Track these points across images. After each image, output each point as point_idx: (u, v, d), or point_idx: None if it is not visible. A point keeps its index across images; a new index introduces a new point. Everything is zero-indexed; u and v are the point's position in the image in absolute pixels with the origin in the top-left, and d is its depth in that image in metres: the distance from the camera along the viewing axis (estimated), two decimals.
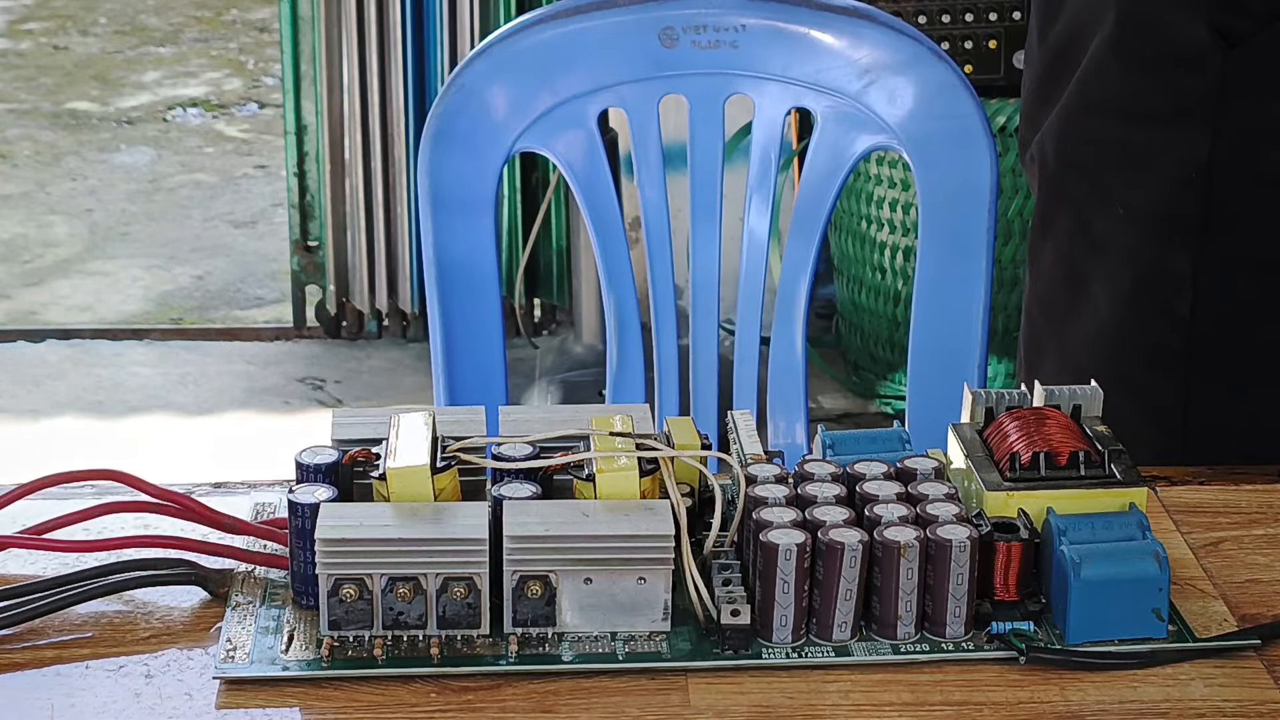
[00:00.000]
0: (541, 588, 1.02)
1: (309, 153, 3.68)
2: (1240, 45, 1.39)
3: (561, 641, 1.03)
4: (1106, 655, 1.03)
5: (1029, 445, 1.07)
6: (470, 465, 1.07)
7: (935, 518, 1.03)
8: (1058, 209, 1.50)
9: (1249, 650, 1.04)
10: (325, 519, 1.02)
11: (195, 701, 0.99)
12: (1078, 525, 1.04)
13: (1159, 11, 1.41)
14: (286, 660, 1.01)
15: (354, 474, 1.07)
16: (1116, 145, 1.44)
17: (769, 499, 1.05)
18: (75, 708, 0.99)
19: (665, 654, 1.02)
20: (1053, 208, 1.51)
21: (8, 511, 1.11)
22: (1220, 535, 1.17)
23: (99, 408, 3.57)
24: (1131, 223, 1.44)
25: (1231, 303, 1.42)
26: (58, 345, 3.80)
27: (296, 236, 3.75)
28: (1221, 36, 1.39)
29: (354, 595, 1.01)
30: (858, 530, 1.02)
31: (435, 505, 1.03)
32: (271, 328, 3.89)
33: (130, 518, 1.13)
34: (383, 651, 1.01)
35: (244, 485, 1.20)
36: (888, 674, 1.02)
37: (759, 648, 1.03)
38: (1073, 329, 1.50)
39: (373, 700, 0.99)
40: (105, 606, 1.07)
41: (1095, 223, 1.46)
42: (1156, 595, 1.03)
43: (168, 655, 1.03)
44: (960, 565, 1.02)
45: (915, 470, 1.08)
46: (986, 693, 1.01)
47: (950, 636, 1.03)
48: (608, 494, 1.04)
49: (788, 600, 1.02)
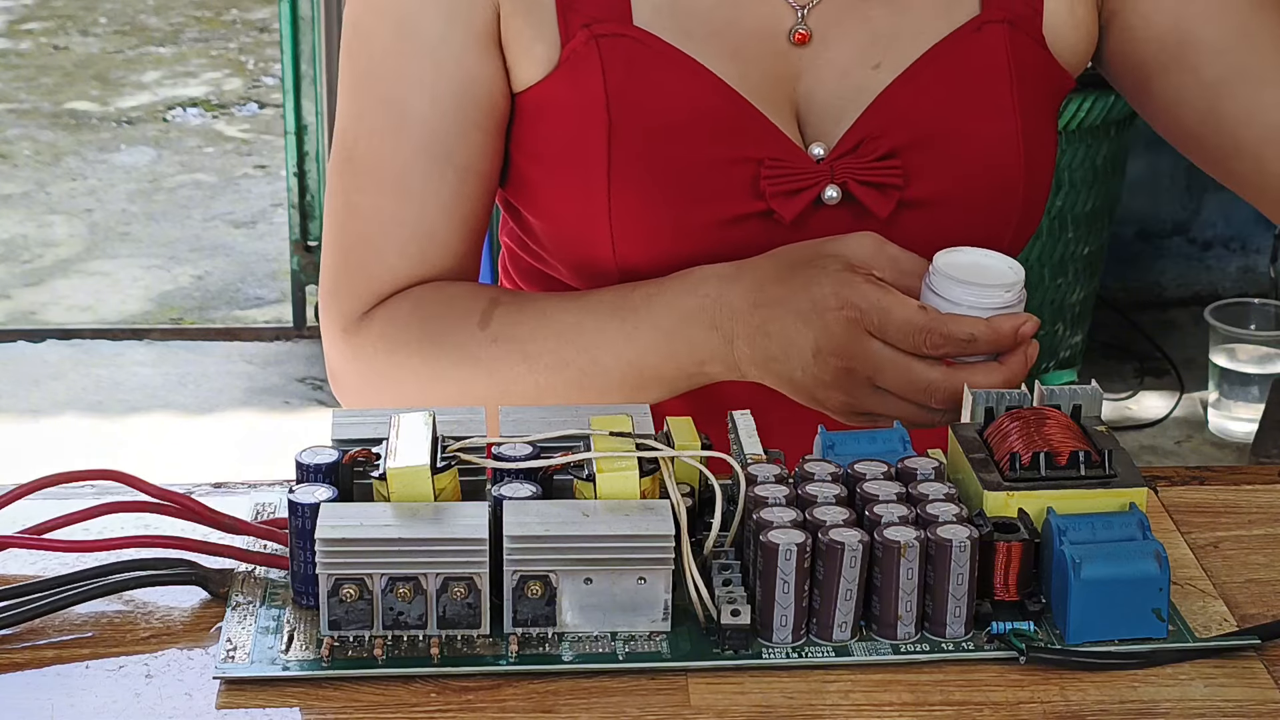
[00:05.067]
0: (541, 588, 1.02)
1: (309, 153, 3.68)
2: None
3: (561, 641, 1.03)
4: (1106, 655, 1.03)
5: (1029, 445, 1.07)
6: (470, 465, 1.07)
7: (935, 518, 1.03)
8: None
9: (1249, 650, 1.04)
10: (325, 519, 1.02)
11: (195, 701, 0.99)
12: (1078, 525, 1.04)
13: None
14: (286, 660, 1.01)
15: (354, 474, 1.07)
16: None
17: (769, 499, 1.05)
18: (75, 708, 0.99)
19: (665, 654, 1.02)
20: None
21: (8, 511, 1.11)
22: (1220, 535, 1.17)
23: (99, 408, 3.58)
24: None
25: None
26: (58, 345, 3.80)
27: (296, 236, 3.75)
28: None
29: (354, 595, 1.01)
30: (858, 530, 1.02)
31: (435, 505, 1.03)
32: (271, 328, 3.90)
33: (130, 518, 1.13)
34: (383, 651, 1.01)
35: (244, 485, 1.20)
36: (888, 674, 1.02)
37: (759, 648, 1.03)
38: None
39: (373, 700, 0.99)
40: (105, 606, 1.07)
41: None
42: (1156, 595, 1.03)
43: (168, 655, 1.03)
44: (960, 565, 1.02)
45: (915, 470, 1.08)
46: (986, 693, 1.01)
47: (950, 636, 1.03)
48: (608, 494, 1.04)
49: (788, 600, 1.02)
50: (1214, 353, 3.51)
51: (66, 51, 5.65)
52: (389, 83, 1.33)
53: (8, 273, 4.16)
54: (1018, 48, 1.35)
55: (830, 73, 1.34)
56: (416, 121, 1.33)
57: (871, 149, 1.33)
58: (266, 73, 5.50)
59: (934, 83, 1.33)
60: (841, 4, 1.34)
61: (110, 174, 4.74)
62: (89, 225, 4.42)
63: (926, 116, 1.33)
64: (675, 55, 1.31)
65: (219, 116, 5.18)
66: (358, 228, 1.35)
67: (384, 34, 1.33)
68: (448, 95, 1.32)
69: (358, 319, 1.35)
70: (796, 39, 1.33)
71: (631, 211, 1.31)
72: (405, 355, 1.32)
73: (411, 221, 1.33)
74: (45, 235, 4.36)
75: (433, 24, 1.32)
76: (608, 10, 1.31)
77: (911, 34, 1.34)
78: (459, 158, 1.33)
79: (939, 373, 1.18)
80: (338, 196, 1.36)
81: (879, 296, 1.18)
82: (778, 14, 1.34)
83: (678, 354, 1.26)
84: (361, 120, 1.34)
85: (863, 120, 1.33)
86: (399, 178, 1.33)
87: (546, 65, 1.32)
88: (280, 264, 4.12)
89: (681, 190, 1.31)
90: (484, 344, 1.30)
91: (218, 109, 5.23)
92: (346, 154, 1.35)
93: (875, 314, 1.18)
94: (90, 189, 4.64)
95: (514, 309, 1.31)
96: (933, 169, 1.33)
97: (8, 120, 5.09)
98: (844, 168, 1.32)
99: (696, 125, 1.31)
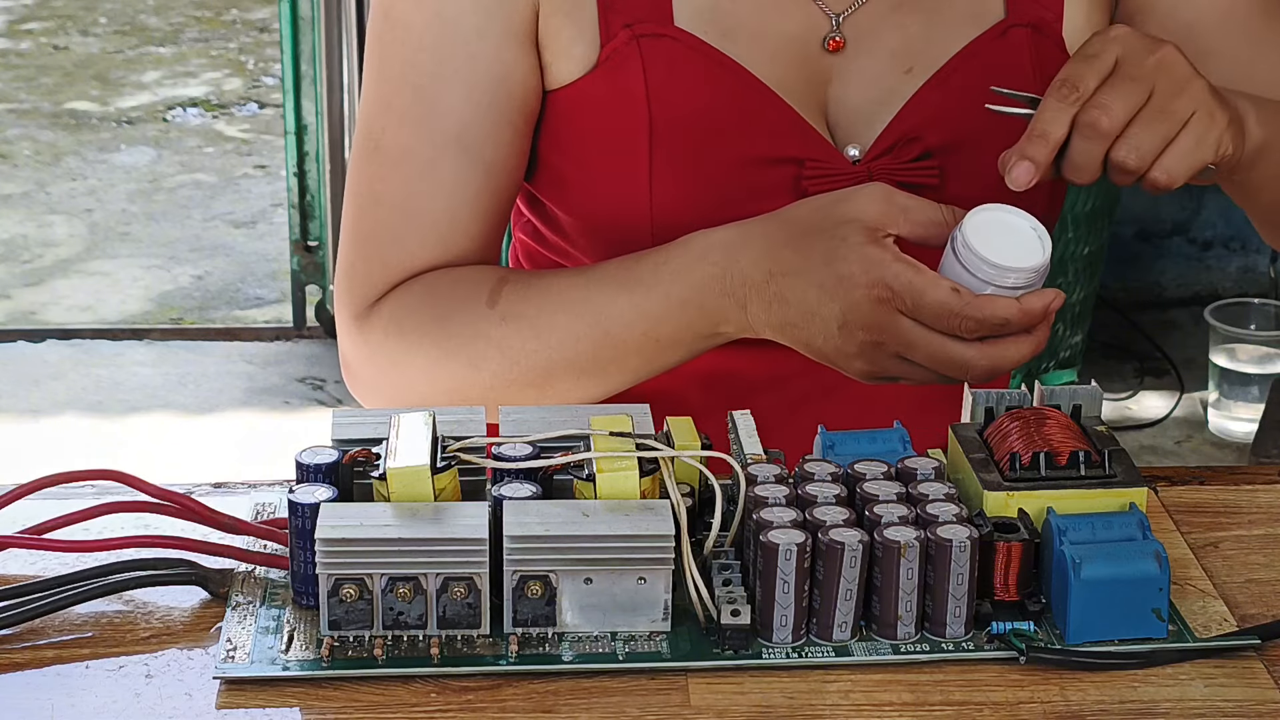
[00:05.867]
0: (541, 588, 1.02)
1: (309, 153, 3.68)
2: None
3: (561, 641, 1.03)
4: (1106, 655, 1.03)
5: (1029, 445, 1.07)
6: (470, 465, 1.07)
7: (935, 518, 1.03)
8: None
9: (1249, 650, 1.04)
10: (325, 519, 1.02)
11: (195, 701, 0.99)
12: (1078, 525, 1.04)
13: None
14: (286, 660, 1.01)
15: (354, 474, 1.07)
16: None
17: (769, 499, 1.05)
18: (75, 708, 0.99)
19: (665, 654, 1.02)
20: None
21: (8, 511, 1.11)
22: (1220, 535, 1.17)
23: (99, 408, 3.57)
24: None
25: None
26: (58, 345, 3.80)
27: (296, 236, 3.75)
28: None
29: (354, 595, 1.01)
30: (858, 530, 1.02)
31: (435, 505, 1.03)
32: (271, 328, 3.89)
33: (130, 518, 1.13)
34: (383, 651, 1.01)
35: (244, 485, 1.20)
36: (888, 674, 1.02)
37: (759, 648, 1.03)
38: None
39: (373, 700, 0.99)
40: (105, 606, 1.07)
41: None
42: (1156, 595, 1.03)
43: (168, 655, 1.03)
44: (960, 565, 1.02)
45: (915, 470, 1.08)
46: (986, 693, 1.01)
47: (950, 636, 1.03)
48: (608, 494, 1.04)
49: (788, 600, 1.02)
50: (1214, 353, 3.51)
51: (66, 51, 5.65)
52: (422, 72, 1.33)
53: (8, 273, 4.16)
54: (1040, 51, 1.36)
55: (862, 77, 1.35)
56: (448, 113, 1.33)
57: (907, 151, 1.34)
58: (266, 73, 5.50)
59: (963, 86, 1.34)
60: (876, 12, 1.35)
61: (110, 174, 4.74)
62: (89, 225, 4.41)
63: (957, 119, 1.34)
64: (716, 56, 1.32)
65: (219, 116, 5.17)
66: (380, 215, 1.35)
67: (420, 24, 1.33)
68: (481, 89, 1.33)
69: (370, 306, 1.35)
70: (830, 46, 1.34)
71: (672, 210, 1.32)
72: (417, 337, 1.32)
73: (436, 212, 1.34)
74: (45, 235, 4.36)
75: (471, 17, 1.32)
76: (649, 11, 1.32)
77: (941, 38, 1.35)
78: (488, 152, 1.34)
79: (974, 350, 1.18)
80: (361, 184, 1.36)
81: (911, 277, 1.18)
82: (813, 20, 1.35)
83: (692, 321, 1.27)
84: (390, 109, 1.34)
85: (896, 122, 1.34)
86: (426, 168, 1.33)
87: (585, 64, 1.33)
88: (280, 264, 4.12)
89: (723, 189, 1.32)
90: (494, 322, 1.30)
91: (218, 109, 5.23)
92: (373, 143, 1.35)
93: (909, 295, 1.18)
94: (90, 189, 4.64)
95: (522, 286, 1.31)
96: (964, 170, 1.34)
97: (8, 120, 5.08)
98: (881, 169, 1.34)
99: (737, 125, 1.32)
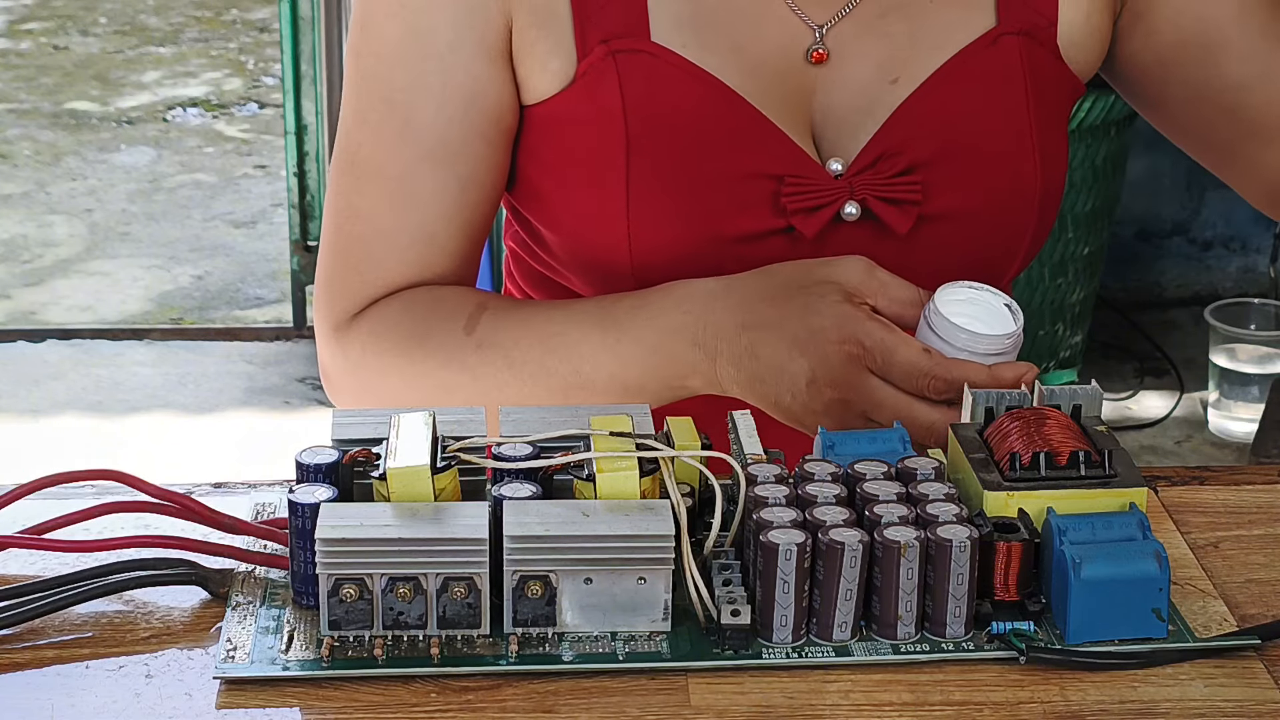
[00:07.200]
0: (541, 588, 1.02)
1: (309, 153, 3.68)
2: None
3: (561, 641, 1.03)
4: (1106, 655, 1.03)
5: (1029, 445, 1.07)
6: (470, 465, 1.07)
7: (935, 518, 1.03)
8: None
9: (1249, 650, 1.04)
10: (325, 519, 1.02)
11: (195, 701, 0.99)
12: (1078, 525, 1.04)
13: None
14: (286, 660, 1.01)
15: (354, 474, 1.07)
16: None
17: (769, 499, 1.05)
18: (75, 708, 0.99)
19: (665, 654, 1.02)
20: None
21: (8, 511, 1.11)
22: (1220, 535, 1.17)
23: (99, 408, 3.58)
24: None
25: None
26: (58, 345, 3.80)
27: (296, 236, 3.75)
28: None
29: (354, 595, 1.01)
30: (858, 530, 1.02)
31: (435, 505, 1.03)
32: (271, 328, 3.90)
33: (130, 518, 1.13)
34: (383, 651, 1.01)
35: (244, 485, 1.20)
36: (888, 674, 1.02)
37: (759, 648, 1.03)
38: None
39: (373, 700, 0.99)
40: (105, 606, 1.07)
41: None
42: (1156, 595, 1.03)
43: (168, 655, 1.03)
44: (960, 565, 1.02)
45: (915, 470, 1.08)
46: (986, 693, 1.01)
47: (950, 636, 1.03)
48: (608, 494, 1.04)
49: (788, 600, 1.02)
50: (1214, 353, 3.51)
51: (66, 51, 5.65)
52: (396, 86, 1.32)
53: (8, 273, 4.16)
54: (1033, 59, 1.34)
55: (847, 88, 1.33)
56: (422, 127, 1.32)
57: (890, 165, 1.32)
58: (266, 73, 5.50)
59: (951, 96, 1.33)
60: (860, 22, 1.33)
61: (110, 174, 4.74)
62: (89, 225, 4.42)
63: (943, 130, 1.33)
64: (694, 71, 1.30)
65: (219, 116, 5.18)
66: (357, 229, 1.34)
67: (393, 36, 1.32)
68: (454, 103, 1.32)
69: (349, 319, 1.34)
70: (814, 58, 1.32)
71: (650, 226, 1.31)
72: (392, 356, 1.32)
73: (412, 227, 1.33)
74: (45, 235, 4.36)
75: (444, 31, 1.31)
76: (626, 26, 1.30)
77: (929, 47, 1.34)
78: (462, 166, 1.33)
79: (940, 414, 1.18)
80: (339, 197, 1.35)
81: (883, 335, 1.18)
82: (795, 32, 1.33)
83: (659, 368, 1.26)
84: (366, 122, 1.34)
85: (880, 135, 1.32)
86: (401, 182, 1.33)
87: (563, 79, 1.32)
88: (280, 264, 4.12)
89: (701, 206, 1.31)
90: (469, 349, 1.30)
91: (218, 109, 5.23)
92: (349, 156, 1.35)
93: (879, 353, 1.17)
94: (90, 189, 4.64)
95: (500, 315, 1.31)
96: (951, 183, 1.33)
97: (8, 120, 5.09)
98: (863, 184, 1.32)
99: (716, 141, 1.31)
